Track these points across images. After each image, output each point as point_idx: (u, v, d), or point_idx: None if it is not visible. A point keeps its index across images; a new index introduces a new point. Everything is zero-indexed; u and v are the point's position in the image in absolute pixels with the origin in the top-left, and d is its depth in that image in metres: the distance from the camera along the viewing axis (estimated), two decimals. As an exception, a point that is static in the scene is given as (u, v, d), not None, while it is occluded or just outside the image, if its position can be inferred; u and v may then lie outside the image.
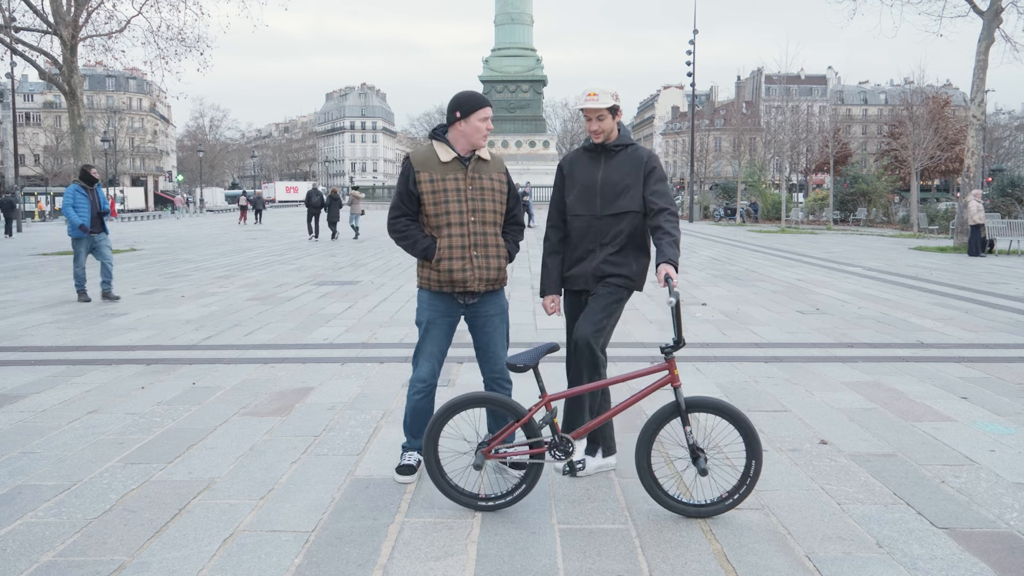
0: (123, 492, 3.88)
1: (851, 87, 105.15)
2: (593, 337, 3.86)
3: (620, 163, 3.99)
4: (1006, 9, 21.44)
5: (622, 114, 4.03)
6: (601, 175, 4.00)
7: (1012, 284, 13.13)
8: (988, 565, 3.13)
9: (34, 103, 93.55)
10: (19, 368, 6.65)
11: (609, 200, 3.96)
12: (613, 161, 4.00)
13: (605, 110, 3.94)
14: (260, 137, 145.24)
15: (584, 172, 4.06)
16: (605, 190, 3.97)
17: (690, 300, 10.83)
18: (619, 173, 3.97)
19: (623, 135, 4.05)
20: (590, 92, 3.95)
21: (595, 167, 4.03)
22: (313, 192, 26.13)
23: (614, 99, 3.95)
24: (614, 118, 3.98)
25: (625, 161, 3.99)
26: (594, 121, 3.97)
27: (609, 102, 3.93)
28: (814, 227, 37.49)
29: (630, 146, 4.04)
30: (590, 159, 4.07)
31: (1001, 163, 67.85)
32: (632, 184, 3.95)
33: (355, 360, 6.94)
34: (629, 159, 3.99)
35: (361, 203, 26.17)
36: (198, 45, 22.90)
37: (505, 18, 60.00)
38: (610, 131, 4.01)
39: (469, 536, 3.41)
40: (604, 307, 3.93)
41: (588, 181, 4.03)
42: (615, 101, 3.95)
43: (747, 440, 3.50)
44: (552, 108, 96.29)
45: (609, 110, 3.95)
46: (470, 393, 3.73)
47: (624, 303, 4.02)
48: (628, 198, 3.94)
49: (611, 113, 3.96)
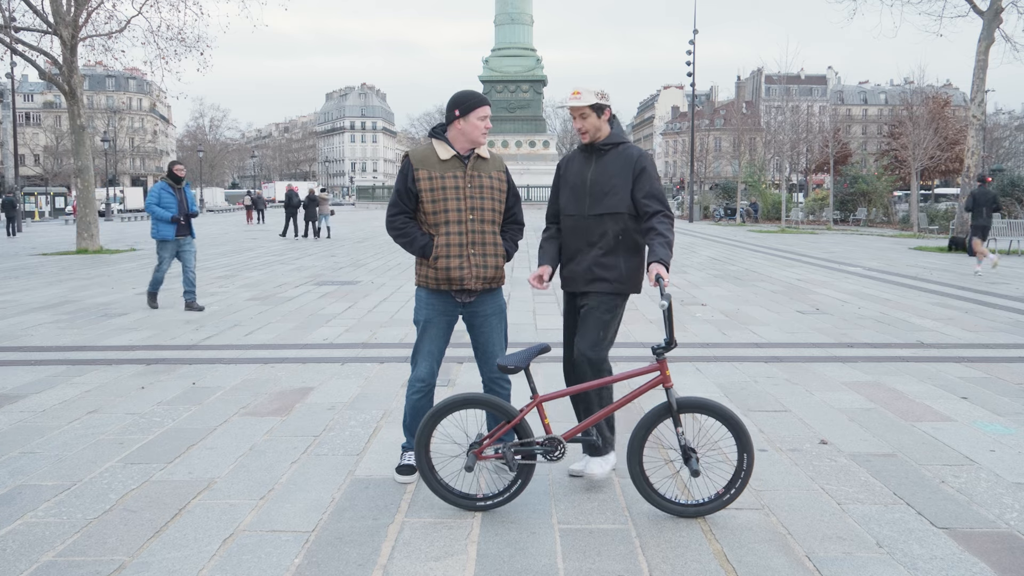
0: (123, 492, 3.88)
1: (851, 87, 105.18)
2: (592, 352, 3.85)
3: (610, 163, 3.96)
4: (1006, 9, 21.46)
5: (610, 113, 3.97)
6: (590, 174, 3.97)
7: (1012, 284, 13.13)
8: (988, 565, 3.13)
9: (34, 103, 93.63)
10: (19, 368, 6.65)
11: (597, 199, 3.93)
12: (603, 160, 3.98)
13: (588, 108, 3.91)
14: (260, 137, 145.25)
15: (576, 172, 4.05)
16: (593, 190, 3.95)
17: (690, 300, 10.83)
18: (607, 173, 3.94)
19: (614, 133, 4.01)
20: (574, 91, 3.96)
21: (586, 167, 4.01)
22: (292, 194, 27.66)
23: (598, 97, 3.91)
24: (599, 117, 3.94)
25: (615, 160, 3.95)
26: (578, 119, 3.96)
27: (591, 100, 3.90)
28: (814, 227, 37.49)
29: (621, 144, 4.00)
30: (583, 159, 4.05)
31: (1001, 163, 67.82)
32: (620, 184, 3.91)
33: (355, 360, 6.94)
34: (620, 158, 3.95)
35: (328, 204, 27.52)
36: (198, 45, 22.83)
37: (505, 18, 60.04)
38: (595, 130, 3.97)
39: (469, 536, 3.41)
40: (597, 320, 3.91)
41: (578, 181, 4.01)
42: (599, 99, 3.91)
43: (736, 435, 3.52)
44: (552, 108, 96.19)
45: (592, 108, 3.91)
46: (460, 394, 3.73)
47: (620, 308, 3.98)
48: (616, 198, 3.90)
49: (595, 111, 3.92)
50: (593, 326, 3.90)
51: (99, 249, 20.40)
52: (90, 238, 20.54)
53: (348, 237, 26.01)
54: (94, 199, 21.64)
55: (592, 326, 3.90)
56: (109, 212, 50.17)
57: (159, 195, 9.77)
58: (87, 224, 20.70)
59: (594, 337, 3.89)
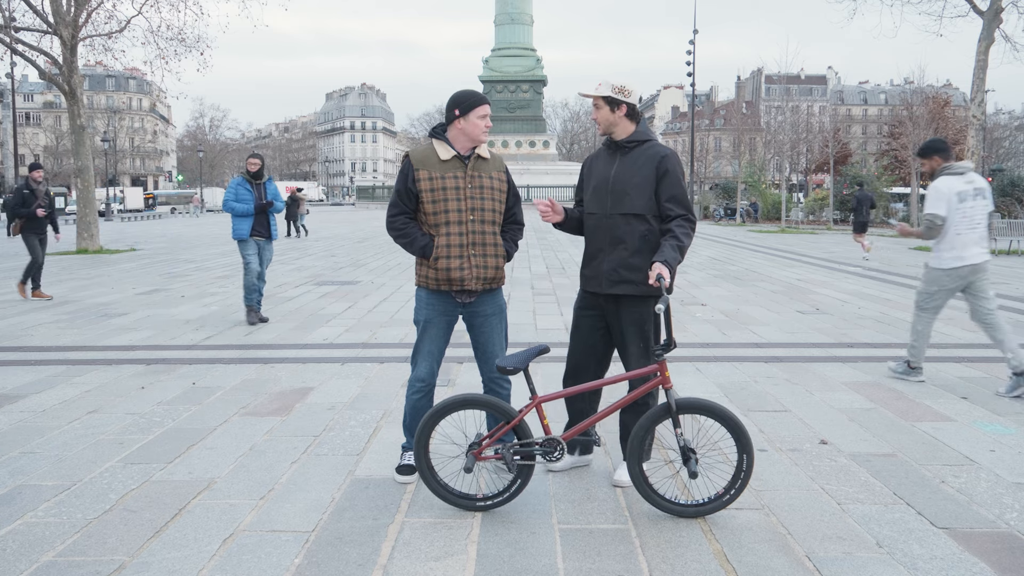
0: (123, 492, 3.88)
1: (851, 87, 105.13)
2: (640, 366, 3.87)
3: (633, 161, 3.90)
4: (1006, 9, 21.45)
5: (625, 109, 3.90)
6: (614, 172, 3.93)
7: (1012, 284, 13.13)
8: (988, 565, 3.13)
9: (34, 103, 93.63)
10: (19, 368, 6.65)
11: (619, 198, 3.87)
12: (627, 158, 3.92)
13: (601, 99, 3.90)
14: (260, 137, 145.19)
15: (600, 169, 4.01)
16: (616, 188, 3.89)
17: (690, 300, 10.83)
18: (630, 171, 3.88)
19: (639, 131, 3.95)
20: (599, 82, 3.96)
21: (610, 164, 3.97)
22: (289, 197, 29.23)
23: (614, 91, 3.86)
24: (613, 111, 3.90)
25: (639, 159, 3.89)
26: (594, 110, 3.97)
27: (605, 92, 3.87)
28: (814, 227, 37.49)
29: (646, 142, 3.94)
30: (608, 156, 4.01)
31: (1001, 163, 67.80)
32: (643, 184, 3.84)
33: (355, 360, 6.94)
34: (644, 156, 3.89)
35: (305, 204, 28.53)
36: (198, 45, 22.82)
37: (505, 18, 60.01)
38: (608, 123, 3.94)
39: (469, 536, 3.41)
40: (635, 335, 3.91)
41: (601, 178, 3.97)
42: (614, 94, 3.86)
43: (735, 436, 3.52)
44: (552, 108, 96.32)
45: (606, 101, 3.89)
46: (460, 395, 3.73)
47: (651, 312, 3.92)
48: (638, 198, 3.84)
49: (609, 105, 3.89)
50: (634, 342, 3.90)
51: (99, 249, 20.41)
52: (90, 238, 20.54)
53: (348, 237, 26.01)
54: (94, 199, 21.65)
55: (634, 343, 3.90)
56: (109, 212, 50.23)
57: (236, 191, 8.95)
58: (87, 224, 20.71)
59: (638, 351, 3.89)
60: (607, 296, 3.94)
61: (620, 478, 3.93)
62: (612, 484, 3.98)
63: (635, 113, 3.94)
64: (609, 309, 3.96)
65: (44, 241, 11.39)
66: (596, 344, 4.07)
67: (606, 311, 3.99)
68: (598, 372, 4.10)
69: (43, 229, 11.36)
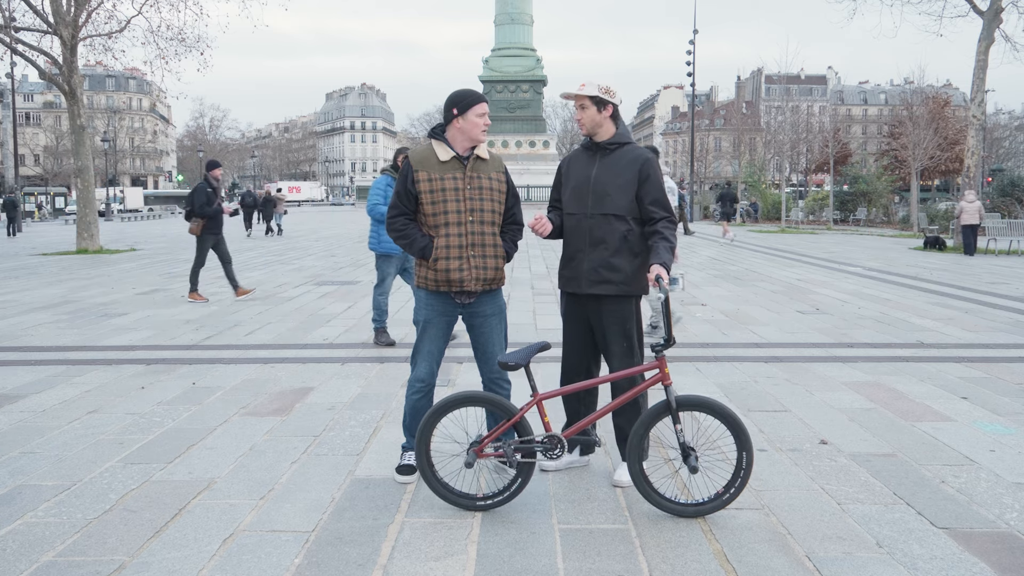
0: (123, 492, 3.88)
1: (851, 87, 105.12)
2: (629, 365, 3.90)
3: (615, 162, 3.94)
4: (1006, 9, 21.46)
5: (611, 110, 3.94)
6: (594, 173, 3.96)
7: (1012, 284, 13.13)
8: (988, 565, 3.13)
9: (34, 103, 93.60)
10: (19, 368, 6.65)
11: (600, 199, 3.91)
12: (608, 160, 3.96)
13: (588, 99, 3.90)
14: (260, 137, 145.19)
15: (579, 170, 4.03)
16: (596, 188, 3.93)
17: (690, 300, 10.83)
18: (612, 172, 3.92)
19: (619, 133, 3.99)
20: (583, 83, 3.97)
21: (590, 165, 4.00)
22: (247, 194, 30.04)
23: (601, 92, 3.88)
24: (599, 112, 3.92)
25: (620, 160, 3.94)
26: (579, 109, 3.98)
27: (592, 92, 3.89)
28: (814, 227, 37.48)
29: (627, 145, 3.99)
30: (588, 157, 4.04)
31: (1001, 163, 67.81)
32: (625, 185, 3.89)
33: (355, 360, 6.94)
34: (625, 158, 3.94)
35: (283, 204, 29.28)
36: (198, 45, 22.80)
37: (505, 18, 60.03)
38: (593, 124, 3.95)
39: (469, 536, 3.41)
40: (617, 334, 3.93)
41: (581, 179, 3.99)
42: (601, 93, 3.88)
43: (735, 433, 3.53)
44: (552, 108, 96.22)
45: (593, 101, 3.90)
46: (460, 392, 3.74)
47: (633, 312, 3.98)
48: (619, 199, 3.88)
49: (595, 105, 3.90)
50: (617, 342, 3.92)
51: (99, 249, 20.41)
52: (90, 238, 20.54)
53: (348, 237, 26.01)
54: (94, 199, 21.65)
55: (616, 342, 3.92)
56: (109, 212, 50.21)
57: (385, 191, 7.44)
58: (87, 224, 20.71)
59: (621, 351, 3.91)
60: (588, 296, 3.97)
61: (620, 478, 3.94)
62: (612, 484, 3.99)
63: (618, 115, 4.00)
64: (591, 310, 3.99)
65: (222, 240, 11.06)
66: (587, 346, 4.11)
67: (588, 312, 4.01)
68: (591, 373, 4.15)
69: (220, 229, 11.03)
